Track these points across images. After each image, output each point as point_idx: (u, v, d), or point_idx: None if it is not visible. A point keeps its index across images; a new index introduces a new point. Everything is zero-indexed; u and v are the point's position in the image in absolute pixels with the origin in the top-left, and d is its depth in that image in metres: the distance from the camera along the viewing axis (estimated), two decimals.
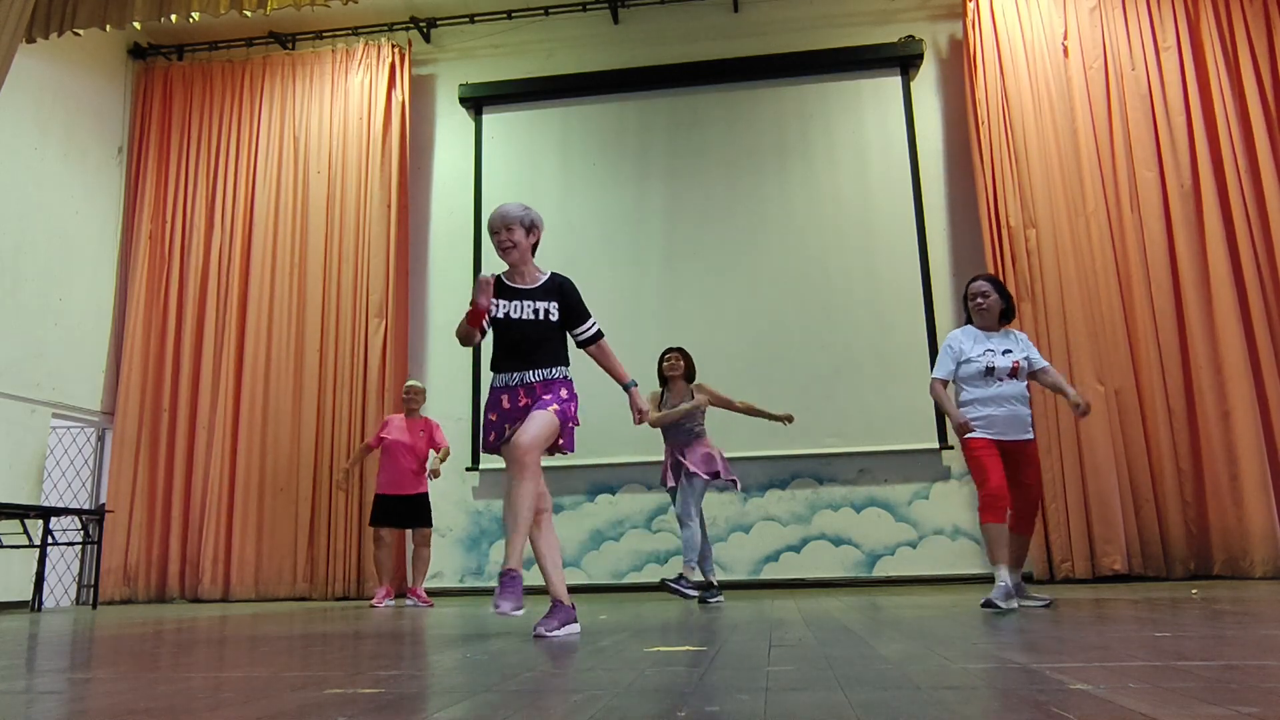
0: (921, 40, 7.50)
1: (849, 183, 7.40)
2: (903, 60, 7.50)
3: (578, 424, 3.23)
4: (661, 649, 2.45)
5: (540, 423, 3.03)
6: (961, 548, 6.60)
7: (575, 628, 3.11)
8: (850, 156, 7.46)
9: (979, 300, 3.98)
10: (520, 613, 2.87)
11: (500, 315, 3.21)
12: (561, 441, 3.17)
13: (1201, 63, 6.80)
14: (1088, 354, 6.47)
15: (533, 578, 3.75)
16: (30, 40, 6.50)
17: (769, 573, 6.84)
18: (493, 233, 3.22)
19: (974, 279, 4.09)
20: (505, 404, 3.17)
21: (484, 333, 3.24)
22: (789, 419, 5.27)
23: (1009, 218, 6.80)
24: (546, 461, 3.28)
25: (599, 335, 3.35)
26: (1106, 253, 6.62)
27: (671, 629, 3.19)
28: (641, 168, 7.71)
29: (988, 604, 3.59)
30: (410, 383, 6.08)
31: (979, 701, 1.48)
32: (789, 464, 6.99)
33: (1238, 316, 6.27)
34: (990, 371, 3.85)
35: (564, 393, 3.18)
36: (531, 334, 3.18)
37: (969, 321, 4.08)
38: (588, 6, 7.89)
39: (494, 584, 7.12)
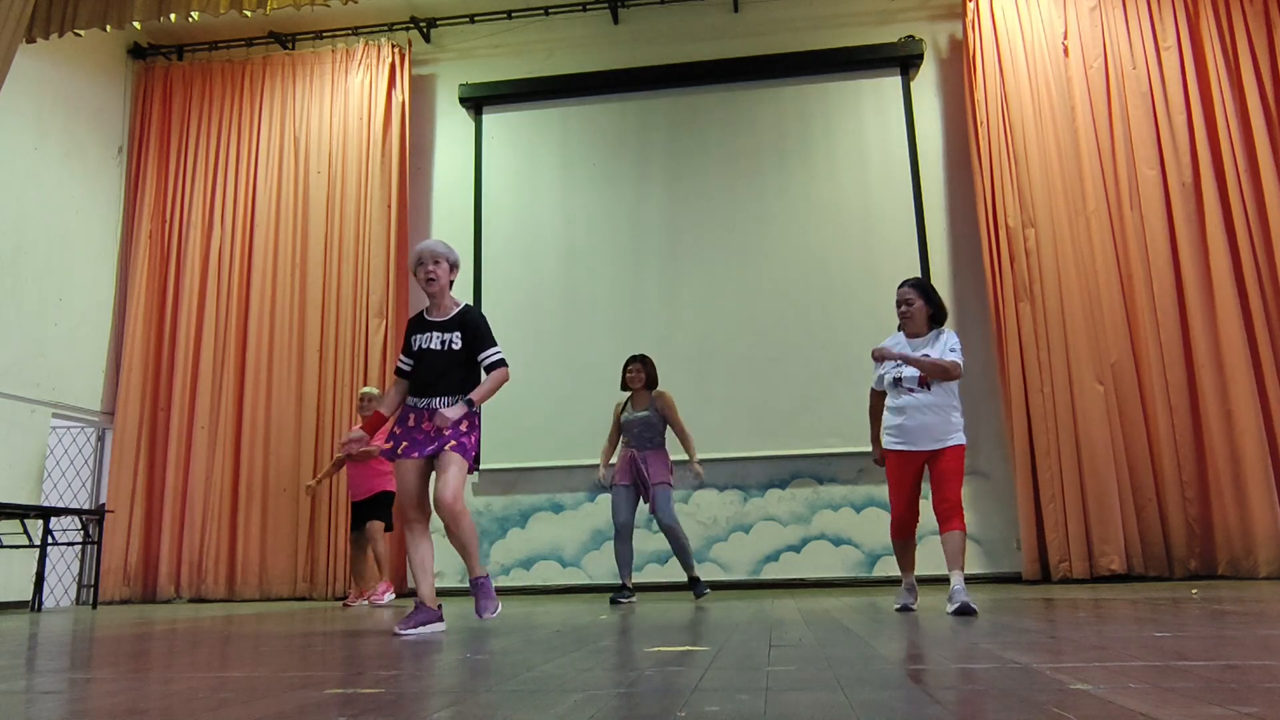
0: (921, 40, 7.50)
1: (849, 182, 7.40)
2: (903, 60, 7.50)
3: (477, 450, 3.56)
4: (661, 649, 2.45)
5: (454, 473, 3.36)
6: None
7: (439, 626, 3.40)
8: (850, 156, 7.46)
9: (903, 307, 3.88)
10: (498, 611, 3.42)
11: (416, 348, 3.52)
12: (466, 462, 3.45)
13: (1202, 61, 6.80)
14: (1087, 354, 6.47)
15: (525, 578, 3.75)
16: (30, 40, 6.50)
17: (769, 573, 6.84)
18: (418, 264, 3.55)
19: (900, 284, 3.96)
20: (410, 422, 3.47)
21: (406, 378, 3.55)
22: (699, 476, 5.32)
23: (1007, 218, 6.80)
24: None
25: (499, 364, 3.52)
26: (1107, 252, 6.62)
27: (671, 629, 3.19)
28: (641, 168, 7.71)
29: (902, 608, 3.83)
30: (365, 389, 6.08)
31: (979, 701, 1.48)
32: (789, 464, 7.00)
33: (1239, 315, 6.27)
34: (898, 382, 3.81)
35: (464, 425, 3.44)
36: (437, 363, 3.46)
37: (901, 328, 3.97)
38: (588, 6, 7.89)
39: (493, 584, 7.13)
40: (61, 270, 7.37)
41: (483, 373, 3.54)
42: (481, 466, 7.31)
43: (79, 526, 6.94)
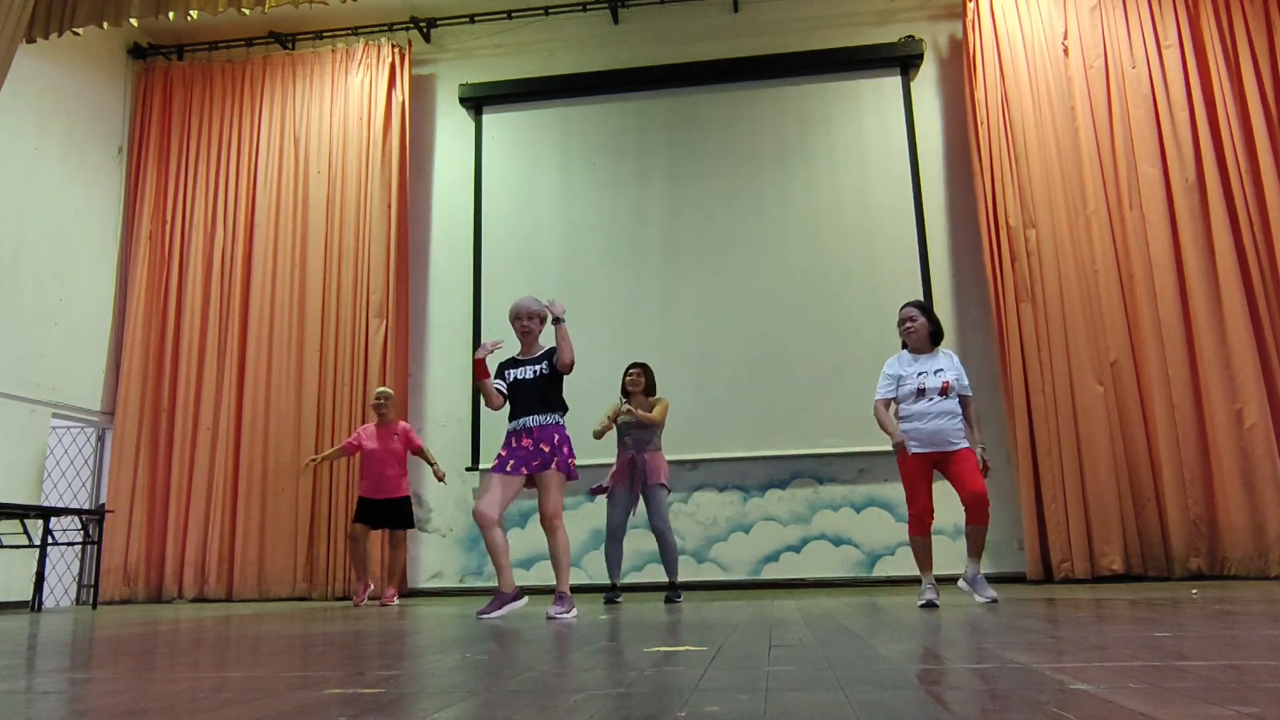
0: (921, 40, 7.50)
1: (849, 182, 7.40)
2: (903, 60, 7.50)
3: (573, 457, 4.28)
4: (661, 649, 2.45)
5: (554, 488, 4.17)
6: (961, 548, 6.55)
7: (519, 604, 4.28)
8: (850, 156, 7.46)
9: (907, 325, 4.30)
10: (573, 615, 3.98)
11: (512, 379, 4.30)
12: (570, 477, 4.30)
13: (1203, 60, 6.80)
14: (1087, 355, 6.47)
15: (524, 578, 3.74)
16: (30, 40, 6.50)
17: (769, 573, 6.84)
18: (516, 318, 4.32)
19: (903, 306, 4.40)
20: (514, 443, 4.24)
21: (503, 396, 4.30)
22: (630, 413, 5.52)
23: (1008, 218, 6.80)
24: None
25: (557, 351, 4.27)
26: (1107, 252, 6.62)
27: (671, 629, 3.19)
28: (641, 168, 7.71)
29: (927, 604, 3.97)
30: (380, 390, 6.17)
31: (979, 701, 1.48)
32: (789, 464, 6.99)
33: (1245, 311, 6.26)
34: (922, 392, 4.20)
35: (556, 439, 4.23)
36: (531, 388, 4.26)
37: (904, 346, 4.38)
38: (588, 6, 7.89)
39: (493, 584, 7.21)
40: (61, 270, 7.37)
41: (561, 394, 4.34)
42: (480, 468, 7.32)
43: (79, 526, 6.94)
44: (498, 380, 4.33)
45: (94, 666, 2.42)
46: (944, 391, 4.17)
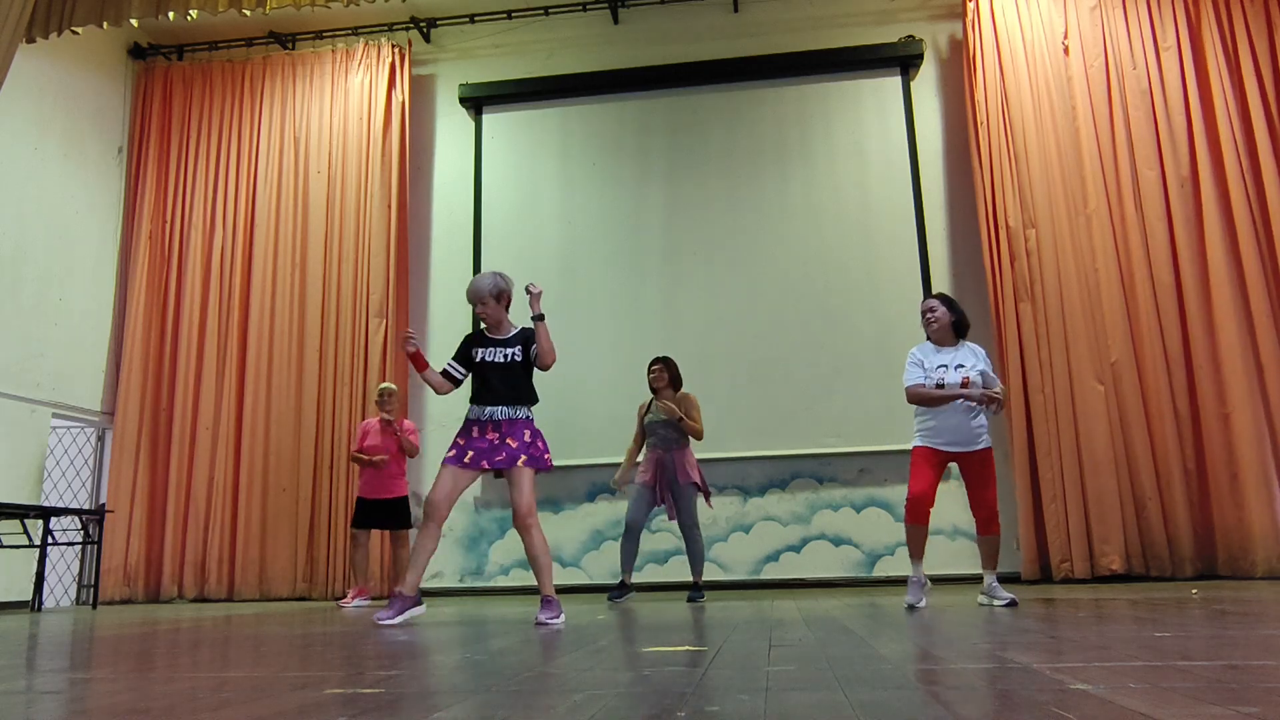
0: (921, 40, 7.50)
1: (849, 183, 7.40)
2: (903, 60, 7.50)
3: (548, 451, 3.89)
4: (661, 649, 2.45)
5: (526, 484, 3.76)
6: (960, 548, 6.59)
7: (418, 610, 3.92)
8: (850, 156, 7.46)
9: (928, 316, 4.16)
10: (562, 620, 3.64)
11: (477, 360, 3.89)
12: (541, 468, 3.86)
13: (1202, 61, 6.80)
14: (1087, 354, 6.47)
15: (524, 578, 3.74)
16: (30, 40, 6.50)
17: (769, 573, 6.84)
18: (471, 304, 3.93)
19: (926, 298, 4.26)
20: (474, 434, 3.84)
21: (454, 382, 3.94)
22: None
23: (1008, 218, 6.80)
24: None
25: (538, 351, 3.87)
26: (1107, 252, 6.62)
27: (671, 629, 3.18)
28: (641, 168, 7.71)
29: (910, 608, 3.89)
30: (383, 385, 6.13)
31: (979, 701, 1.48)
32: (789, 464, 6.99)
33: (1238, 315, 6.26)
34: (940, 387, 4.03)
35: (527, 435, 3.83)
36: (501, 374, 3.85)
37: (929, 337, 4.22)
38: (588, 6, 7.89)
39: (493, 584, 7.20)
40: (61, 270, 7.37)
41: (531, 383, 3.93)
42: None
43: (79, 526, 6.94)
44: (457, 363, 3.95)
45: (94, 666, 2.42)
46: (965, 387, 3.97)
